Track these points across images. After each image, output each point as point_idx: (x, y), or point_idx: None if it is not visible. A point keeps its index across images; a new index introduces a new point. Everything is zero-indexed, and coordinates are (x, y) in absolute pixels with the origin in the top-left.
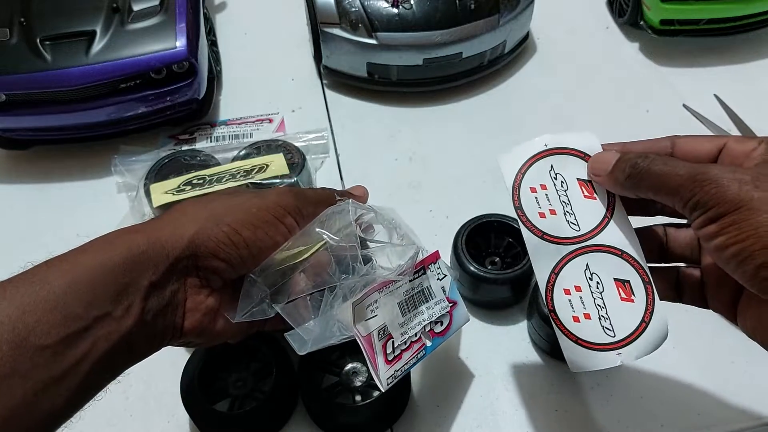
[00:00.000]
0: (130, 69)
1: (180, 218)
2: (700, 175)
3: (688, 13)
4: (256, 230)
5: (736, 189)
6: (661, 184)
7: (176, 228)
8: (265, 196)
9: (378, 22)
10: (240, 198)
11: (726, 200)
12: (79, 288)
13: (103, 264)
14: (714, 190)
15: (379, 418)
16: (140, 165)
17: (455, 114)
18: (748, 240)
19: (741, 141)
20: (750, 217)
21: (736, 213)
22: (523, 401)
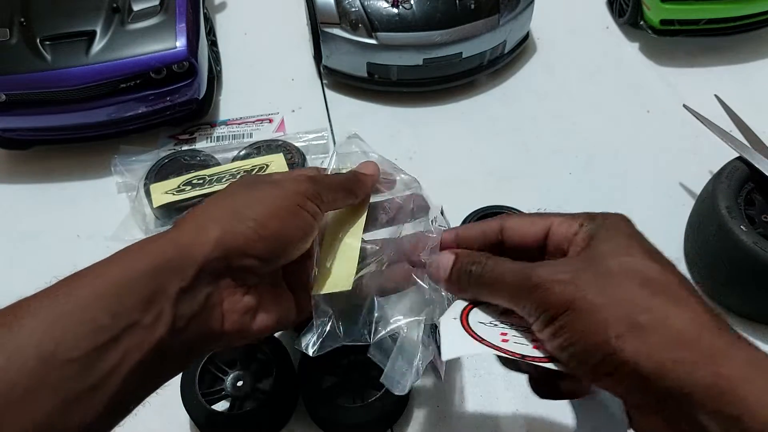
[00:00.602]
0: (130, 69)
1: (203, 220)
2: (526, 281)
3: (688, 13)
4: (282, 221)
5: (560, 292)
6: (496, 291)
7: (200, 230)
8: (283, 185)
9: (378, 22)
10: (259, 191)
11: (551, 305)
12: (105, 298)
13: (127, 273)
14: (539, 295)
15: (379, 418)
16: (140, 165)
17: (455, 114)
18: (577, 343)
19: (564, 223)
20: (575, 320)
21: (563, 317)
22: (523, 401)
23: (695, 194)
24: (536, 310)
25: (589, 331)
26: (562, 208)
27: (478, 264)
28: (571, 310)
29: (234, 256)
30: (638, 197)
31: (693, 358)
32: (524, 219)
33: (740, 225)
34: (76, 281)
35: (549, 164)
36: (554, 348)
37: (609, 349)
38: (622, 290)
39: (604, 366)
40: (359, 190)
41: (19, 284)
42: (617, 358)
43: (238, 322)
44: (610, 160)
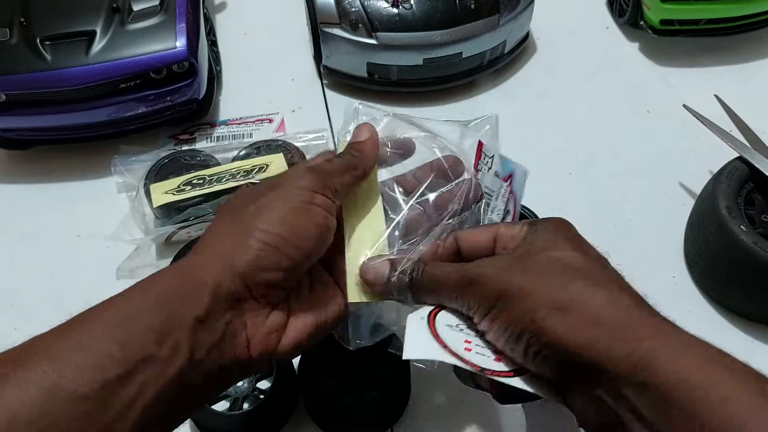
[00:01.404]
0: (130, 69)
1: (209, 242)
2: (465, 278)
3: (688, 13)
4: (293, 224)
5: (494, 282)
6: (437, 291)
7: (207, 253)
8: (284, 186)
9: (378, 22)
10: (262, 198)
11: (485, 297)
12: (113, 329)
13: (137, 304)
14: (474, 290)
15: (379, 418)
16: (140, 165)
17: (455, 114)
18: (510, 328)
19: (508, 228)
20: (507, 307)
21: (497, 306)
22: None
23: (695, 194)
24: (474, 303)
25: (520, 315)
26: (562, 208)
27: (417, 268)
28: (504, 298)
29: (250, 275)
30: (638, 197)
31: (609, 334)
32: (474, 229)
33: (740, 225)
34: (87, 315)
35: (549, 164)
36: (493, 337)
37: (536, 329)
38: (546, 277)
39: (534, 346)
40: (362, 162)
41: (20, 284)
42: (544, 337)
43: (264, 344)
44: (610, 160)
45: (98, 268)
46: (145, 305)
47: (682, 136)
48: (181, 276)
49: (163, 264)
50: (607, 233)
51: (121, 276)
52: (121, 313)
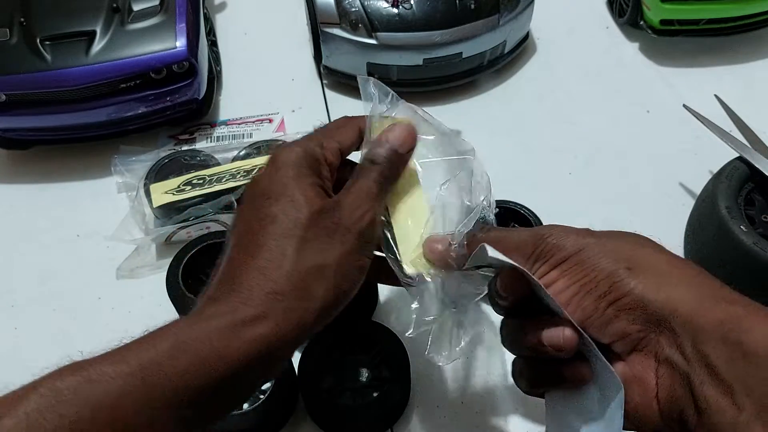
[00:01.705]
0: (130, 69)
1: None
2: (540, 231)
3: (688, 13)
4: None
5: (574, 238)
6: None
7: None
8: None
9: (378, 22)
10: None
11: (565, 247)
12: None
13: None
14: (554, 240)
15: (379, 418)
16: (140, 165)
17: (455, 114)
18: (587, 276)
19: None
20: (588, 257)
21: (575, 256)
22: (523, 401)
23: (695, 194)
24: (547, 253)
25: (600, 265)
26: (562, 208)
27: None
28: (584, 251)
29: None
30: (638, 197)
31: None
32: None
33: (740, 225)
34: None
35: (549, 164)
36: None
37: (617, 278)
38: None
39: (612, 294)
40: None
41: (20, 284)
42: (625, 285)
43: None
44: (610, 160)
45: (98, 268)
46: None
47: (682, 136)
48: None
49: (163, 264)
50: None
51: (121, 276)
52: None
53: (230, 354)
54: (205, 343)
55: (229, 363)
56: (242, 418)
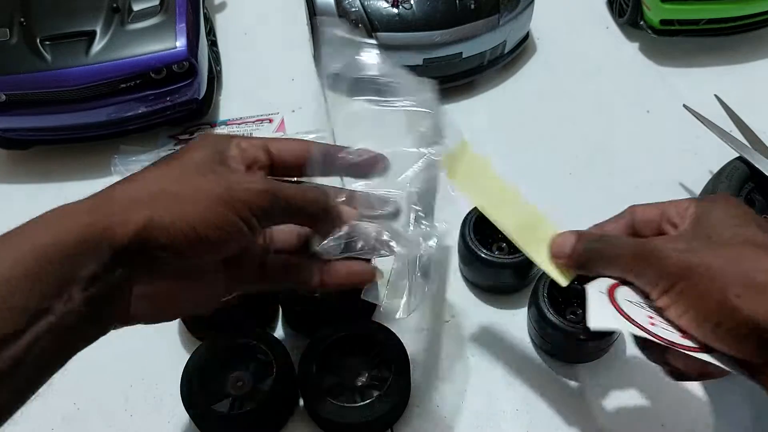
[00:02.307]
0: (130, 69)
1: (134, 195)
2: (643, 252)
3: (688, 13)
4: (216, 229)
5: (675, 260)
6: (615, 263)
7: (127, 210)
8: (236, 188)
9: (378, 22)
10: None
11: (668, 273)
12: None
13: (39, 252)
14: (657, 263)
15: (379, 418)
16: (140, 165)
17: (455, 114)
18: (697, 306)
19: (676, 203)
20: (692, 286)
21: (680, 284)
22: (523, 401)
23: (695, 194)
24: (654, 278)
25: (708, 293)
26: (562, 208)
27: (599, 240)
28: (689, 276)
29: (152, 247)
30: (638, 197)
31: None
32: (647, 205)
33: None
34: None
35: (549, 164)
36: (671, 317)
37: (728, 308)
38: (736, 254)
39: (726, 325)
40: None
41: None
42: (738, 315)
43: (149, 307)
44: (610, 160)
45: None
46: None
47: (682, 136)
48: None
49: None
50: None
51: None
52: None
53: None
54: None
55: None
56: (242, 418)
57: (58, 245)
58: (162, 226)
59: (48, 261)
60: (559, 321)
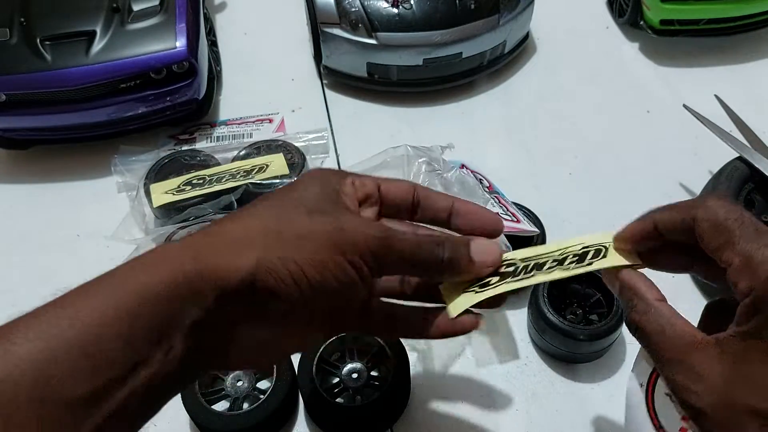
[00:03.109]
0: (130, 69)
1: (240, 236)
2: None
3: (688, 13)
4: (326, 274)
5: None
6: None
7: (234, 253)
8: (349, 231)
9: (378, 22)
10: (318, 222)
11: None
12: (115, 327)
13: (142, 294)
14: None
15: (379, 418)
16: (140, 165)
17: (455, 114)
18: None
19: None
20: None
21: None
22: (523, 401)
23: (695, 194)
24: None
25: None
26: (561, 208)
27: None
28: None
29: (261, 292)
30: (638, 197)
31: None
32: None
33: None
34: (81, 299)
35: (549, 164)
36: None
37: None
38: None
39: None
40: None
41: (20, 284)
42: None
43: (250, 354)
44: (610, 160)
45: (98, 268)
46: (153, 296)
47: (682, 136)
48: (196, 271)
49: None
50: None
51: None
52: (126, 304)
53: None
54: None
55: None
56: (243, 418)
57: (161, 290)
58: (271, 269)
59: (150, 307)
60: (559, 321)
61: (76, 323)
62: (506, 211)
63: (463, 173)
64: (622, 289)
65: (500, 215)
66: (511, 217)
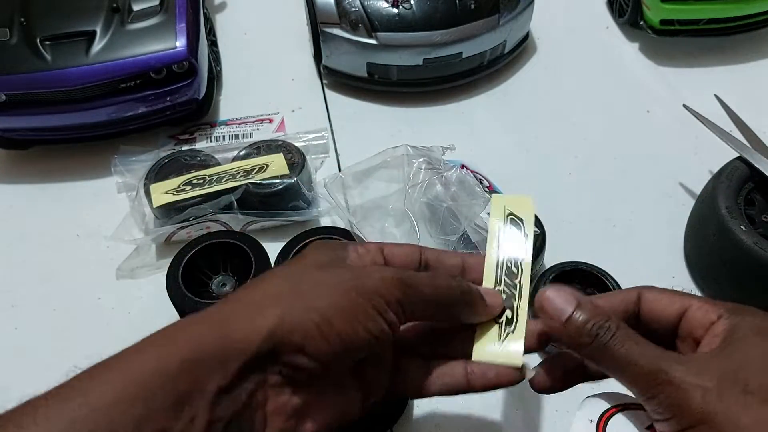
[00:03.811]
0: (130, 69)
1: (259, 299)
2: (662, 374)
3: (688, 13)
4: (352, 322)
5: (699, 400)
6: (619, 368)
7: (253, 315)
8: (366, 277)
9: (378, 22)
10: (333, 274)
11: (689, 412)
12: (128, 404)
13: (158, 369)
14: (674, 395)
15: (379, 418)
16: (140, 165)
17: (455, 114)
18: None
19: (703, 309)
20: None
21: (700, 429)
22: (523, 401)
23: (695, 194)
24: (667, 410)
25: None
26: (562, 208)
27: (607, 330)
28: (712, 425)
29: (287, 350)
30: (638, 197)
31: None
32: (664, 294)
33: (740, 225)
34: (95, 378)
35: (549, 164)
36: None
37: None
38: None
39: None
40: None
41: (20, 284)
42: None
43: (283, 425)
44: (610, 160)
45: (98, 268)
46: (169, 370)
47: (682, 136)
48: (216, 340)
49: (163, 264)
50: (607, 233)
51: (121, 276)
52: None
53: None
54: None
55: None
56: None
57: (178, 360)
58: (295, 323)
59: (167, 378)
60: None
61: (86, 404)
62: None
63: (463, 173)
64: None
65: None
66: None
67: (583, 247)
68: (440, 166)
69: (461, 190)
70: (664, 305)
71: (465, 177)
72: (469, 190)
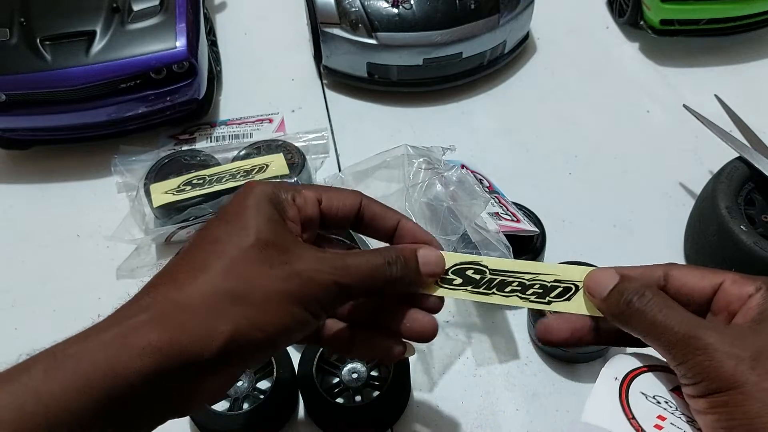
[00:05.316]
0: (130, 69)
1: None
2: (695, 340)
3: (688, 13)
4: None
5: (732, 367)
6: (652, 333)
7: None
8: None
9: (378, 22)
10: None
11: (719, 377)
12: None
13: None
14: (707, 362)
15: (379, 418)
16: (140, 165)
17: (455, 114)
18: (740, 427)
19: (738, 282)
20: (743, 403)
21: (728, 394)
22: (523, 401)
23: (695, 194)
24: (698, 375)
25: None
26: (561, 208)
27: (642, 297)
28: (740, 392)
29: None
30: (638, 197)
31: None
32: (693, 270)
33: (740, 225)
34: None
35: (549, 164)
36: (707, 422)
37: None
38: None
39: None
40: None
41: (20, 284)
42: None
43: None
44: (610, 160)
45: (98, 268)
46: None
47: (682, 136)
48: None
49: (163, 264)
50: (607, 233)
51: (121, 276)
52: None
53: (118, 368)
54: (88, 356)
55: (117, 379)
56: (243, 418)
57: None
58: (243, 342)
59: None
60: None
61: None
62: (506, 211)
63: (463, 173)
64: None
65: (500, 215)
66: (511, 217)
67: (583, 246)
68: (440, 166)
69: (461, 190)
70: (696, 281)
71: (465, 177)
72: (469, 190)
